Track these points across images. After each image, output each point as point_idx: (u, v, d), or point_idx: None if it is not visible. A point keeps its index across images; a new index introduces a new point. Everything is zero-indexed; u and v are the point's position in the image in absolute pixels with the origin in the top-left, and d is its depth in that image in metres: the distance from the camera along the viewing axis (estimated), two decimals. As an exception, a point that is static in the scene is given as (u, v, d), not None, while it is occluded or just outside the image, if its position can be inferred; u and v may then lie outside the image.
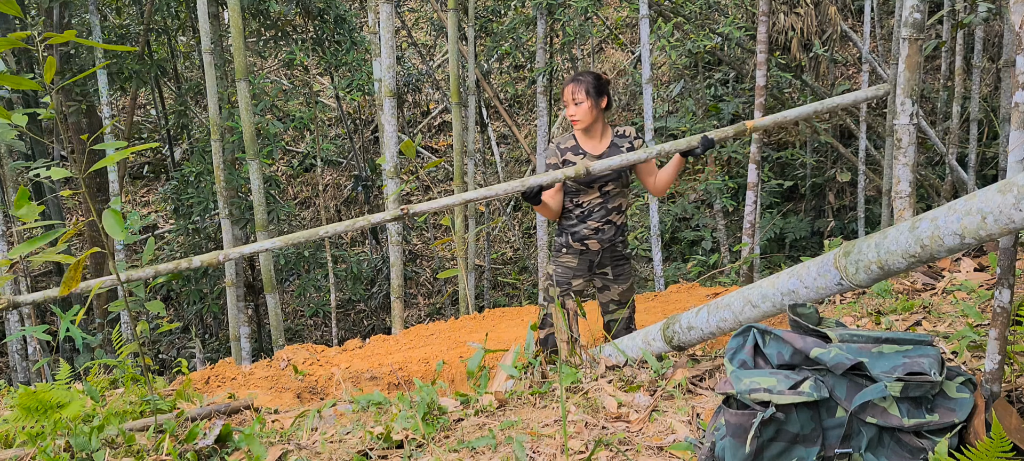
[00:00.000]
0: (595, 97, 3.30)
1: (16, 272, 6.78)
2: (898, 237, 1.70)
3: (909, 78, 3.24)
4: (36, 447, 2.09)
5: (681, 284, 6.14)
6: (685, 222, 10.64)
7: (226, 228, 6.24)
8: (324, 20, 7.75)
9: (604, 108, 3.35)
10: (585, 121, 3.32)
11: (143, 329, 3.37)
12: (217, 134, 6.06)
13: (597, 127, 3.37)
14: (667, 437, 1.94)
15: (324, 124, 12.48)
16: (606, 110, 3.38)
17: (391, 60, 5.55)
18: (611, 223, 3.38)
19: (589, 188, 3.36)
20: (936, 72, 9.94)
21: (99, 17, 7.64)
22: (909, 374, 1.60)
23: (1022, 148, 1.57)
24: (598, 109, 3.33)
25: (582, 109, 3.31)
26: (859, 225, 8.34)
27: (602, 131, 3.39)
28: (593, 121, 3.33)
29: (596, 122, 3.35)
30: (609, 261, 3.43)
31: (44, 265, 10.31)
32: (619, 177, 3.36)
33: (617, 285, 3.45)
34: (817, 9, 8.11)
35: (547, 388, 2.40)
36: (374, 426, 2.17)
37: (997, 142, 8.75)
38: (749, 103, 10.10)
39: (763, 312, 2.14)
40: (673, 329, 2.48)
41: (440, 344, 5.05)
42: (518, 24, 8.40)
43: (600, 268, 3.44)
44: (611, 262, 3.44)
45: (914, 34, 3.26)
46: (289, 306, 10.30)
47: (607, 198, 3.35)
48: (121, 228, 2.25)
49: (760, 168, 6.38)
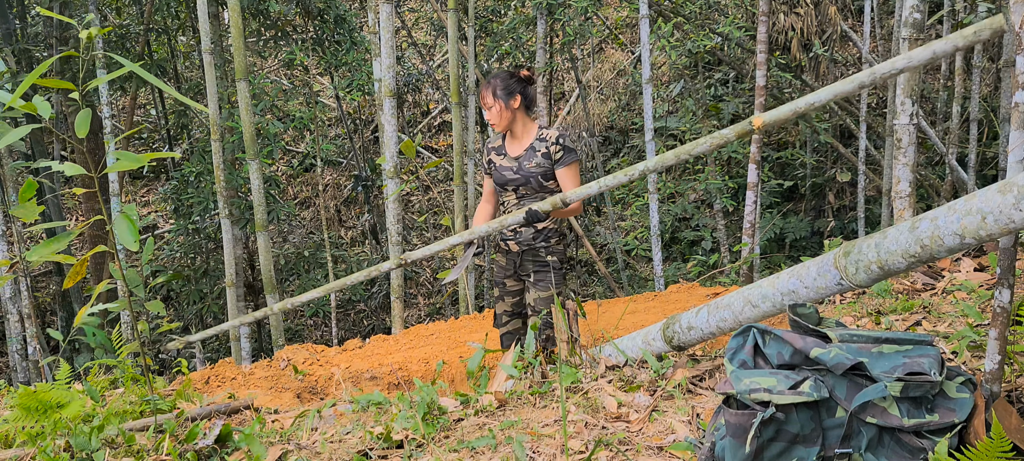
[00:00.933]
0: (504, 98, 3.22)
1: (16, 272, 6.78)
2: (898, 237, 1.70)
3: (909, 78, 3.24)
4: (36, 447, 2.09)
5: (681, 284, 6.14)
6: (685, 222, 10.64)
7: (226, 228, 6.24)
8: (324, 20, 7.75)
9: (519, 107, 3.25)
10: (499, 124, 3.28)
11: (143, 329, 3.37)
12: (217, 134, 6.06)
13: (517, 127, 3.29)
14: (667, 437, 1.94)
15: (324, 124, 12.48)
16: (527, 109, 3.28)
17: (391, 60, 5.55)
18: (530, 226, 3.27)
19: (505, 190, 3.32)
20: (936, 72, 9.93)
21: (99, 17, 7.64)
22: (909, 374, 1.60)
23: (1022, 148, 1.57)
24: (510, 110, 3.25)
25: (492, 113, 3.26)
26: (859, 225, 8.34)
27: (524, 130, 3.29)
28: (509, 122, 3.27)
29: (514, 123, 3.28)
30: (530, 264, 3.32)
31: (44, 265, 10.31)
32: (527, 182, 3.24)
33: (535, 290, 3.29)
34: (817, 9, 8.11)
35: (547, 388, 2.40)
36: (374, 426, 2.17)
37: (997, 142, 8.74)
38: (749, 103, 10.09)
39: (763, 312, 2.14)
40: (673, 329, 2.48)
41: (440, 344, 5.05)
42: (518, 24, 8.40)
43: (522, 270, 3.35)
44: (533, 266, 3.31)
45: (914, 34, 3.26)
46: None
47: (523, 200, 3.27)
48: (134, 235, 2.23)
49: (760, 168, 6.38)
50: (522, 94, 3.26)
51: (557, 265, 3.29)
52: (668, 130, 10.46)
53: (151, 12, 8.25)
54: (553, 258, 3.29)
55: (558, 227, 3.31)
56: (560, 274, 3.29)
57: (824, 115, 9.32)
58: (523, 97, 3.26)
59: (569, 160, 3.20)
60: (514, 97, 3.24)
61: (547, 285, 3.27)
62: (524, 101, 3.27)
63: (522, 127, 3.30)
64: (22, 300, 6.92)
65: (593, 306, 5.62)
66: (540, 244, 3.28)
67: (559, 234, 3.30)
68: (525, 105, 3.29)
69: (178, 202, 7.98)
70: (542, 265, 3.30)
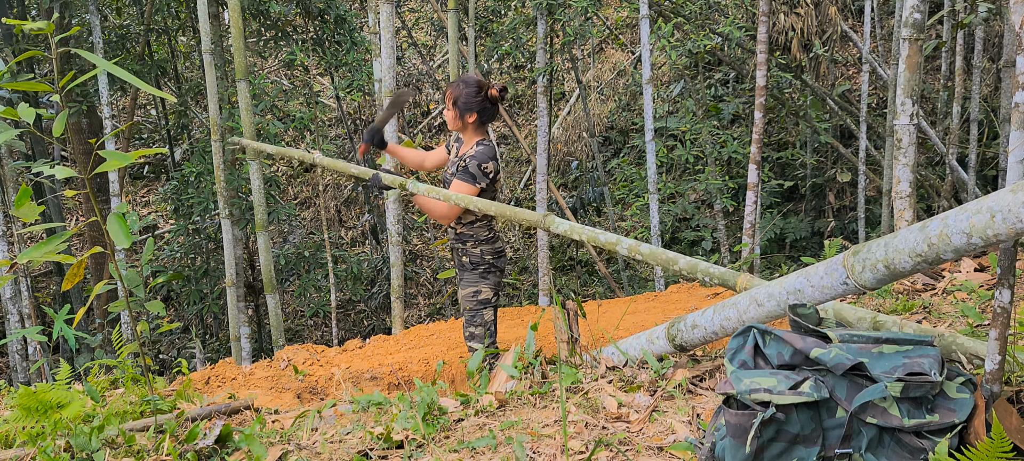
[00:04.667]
0: (462, 111, 3.38)
1: (16, 272, 6.78)
2: (907, 236, 1.69)
3: (909, 78, 3.24)
4: (36, 447, 2.09)
5: (681, 284, 6.14)
6: (685, 222, 10.64)
7: (226, 228, 6.25)
8: (324, 20, 7.75)
9: (472, 123, 3.40)
10: (452, 126, 3.46)
11: (143, 329, 3.37)
12: (217, 134, 6.06)
13: (466, 134, 3.45)
14: (667, 437, 1.94)
15: (324, 124, 12.48)
16: (481, 123, 3.42)
17: (391, 60, 5.55)
18: (451, 229, 3.53)
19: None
20: (936, 72, 9.94)
21: (99, 17, 7.64)
22: (909, 374, 1.60)
23: (1022, 148, 1.57)
24: (462, 120, 3.40)
25: (448, 116, 3.45)
26: (859, 225, 8.34)
27: (469, 140, 3.45)
28: (460, 129, 3.44)
29: (464, 130, 3.43)
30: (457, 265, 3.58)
31: (44, 265, 10.32)
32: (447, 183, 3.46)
33: (460, 289, 3.55)
34: (817, 9, 8.11)
35: (547, 388, 2.40)
36: (374, 426, 2.17)
37: (997, 142, 8.74)
38: (749, 103, 10.10)
39: (768, 311, 2.13)
40: (677, 328, 2.48)
41: (440, 344, 5.05)
42: (518, 24, 8.40)
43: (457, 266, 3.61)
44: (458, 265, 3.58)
45: (914, 34, 3.26)
46: (289, 306, 10.30)
47: None
48: (126, 234, 2.25)
49: (760, 168, 6.38)
50: (479, 113, 3.39)
51: (470, 266, 3.50)
52: (668, 130, 10.46)
53: (151, 12, 8.25)
54: (466, 260, 3.51)
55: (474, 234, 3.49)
56: (474, 275, 3.49)
57: (824, 115, 9.32)
58: (479, 115, 3.40)
59: (462, 177, 3.37)
60: (470, 114, 3.39)
61: (465, 284, 3.52)
62: (480, 119, 3.42)
63: (470, 137, 3.46)
64: (22, 300, 6.92)
65: (593, 306, 5.63)
66: (458, 247, 3.53)
67: (475, 239, 3.50)
68: (480, 121, 3.43)
69: (178, 202, 7.97)
70: (461, 267, 3.55)
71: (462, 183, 3.36)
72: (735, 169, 10.08)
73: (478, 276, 3.50)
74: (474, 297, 3.50)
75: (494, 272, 3.52)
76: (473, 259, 3.50)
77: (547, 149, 7.86)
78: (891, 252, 1.72)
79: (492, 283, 3.51)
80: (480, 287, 3.49)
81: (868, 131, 8.75)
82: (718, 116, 10.15)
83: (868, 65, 8.19)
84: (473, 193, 3.34)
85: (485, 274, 3.50)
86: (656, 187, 7.07)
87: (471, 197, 3.29)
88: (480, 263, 3.50)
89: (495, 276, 3.53)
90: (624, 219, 10.85)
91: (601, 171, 9.86)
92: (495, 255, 3.52)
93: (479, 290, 3.50)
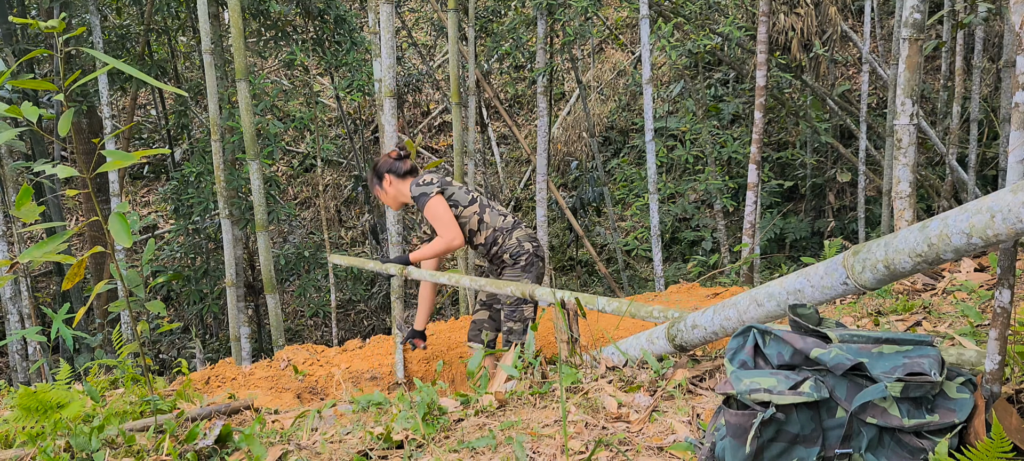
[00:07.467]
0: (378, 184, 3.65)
1: (16, 272, 6.78)
2: (907, 236, 1.68)
3: (909, 78, 3.24)
4: (36, 447, 2.09)
5: (681, 284, 6.14)
6: (685, 222, 10.65)
7: (226, 228, 6.24)
8: (324, 20, 7.75)
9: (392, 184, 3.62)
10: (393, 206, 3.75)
11: (143, 329, 3.37)
12: (217, 134, 6.06)
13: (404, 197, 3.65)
14: (667, 437, 1.94)
15: (324, 124, 12.48)
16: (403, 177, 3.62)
17: (391, 60, 5.54)
18: (487, 262, 3.73)
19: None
20: (936, 72, 9.94)
21: (99, 17, 7.64)
22: (909, 374, 1.60)
23: (1022, 148, 1.57)
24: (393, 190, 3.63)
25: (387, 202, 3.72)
26: (859, 225, 8.34)
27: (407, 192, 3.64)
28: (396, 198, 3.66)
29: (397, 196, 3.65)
30: (496, 273, 3.71)
31: (44, 265, 10.31)
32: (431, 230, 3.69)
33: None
34: (817, 9, 8.11)
35: (547, 388, 2.40)
36: (374, 426, 2.17)
37: (997, 142, 8.74)
38: (749, 103, 10.10)
39: (768, 311, 2.13)
40: (677, 328, 2.48)
41: (440, 344, 5.05)
42: (518, 24, 8.40)
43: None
44: (497, 272, 3.70)
45: (914, 34, 3.26)
46: (289, 306, 10.30)
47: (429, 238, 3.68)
48: (128, 234, 2.25)
49: (760, 168, 6.38)
50: (391, 172, 3.63)
51: (511, 262, 3.60)
52: (668, 130, 10.46)
53: (151, 12, 8.25)
54: (507, 256, 3.62)
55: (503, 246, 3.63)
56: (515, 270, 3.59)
57: (824, 115, 9.32)
58: (393, 173, 3.63)
59: (423, 203, 3.51)
60: (384, 179, 3.63)
61: (506, 279, 3.60)
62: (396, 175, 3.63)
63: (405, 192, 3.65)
64: (22, 300, 6.92)
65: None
66: (496, 265, 3.67)
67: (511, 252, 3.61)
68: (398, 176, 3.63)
69: (178, 202, 7.97)
70: (501, 264, 3.64)
71: (428, 205, 3.49)
72: (735, 169, 10.08)
73: (520, 270, 3.53)
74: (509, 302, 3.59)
75: (536, 264, 3.55)
76: (513, 253, 3.55)
77: (547, 149, 7.86)
78: (891, 252, 1.72)
79: (534, 275, 3.55)
80: (522, 280, 3.51)
81: (868, 131, 8.75)
82: (718, 116, 10.15)
83: (868, 65, 8.19)
84: (440, 200, 3.49)
85: (527, 266, 3.53)
86: (656, 187, 7.07)
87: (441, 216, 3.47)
88: (521, 253, 3.54)
89: (537, 268, 3.56)
90: (624, 219, 10.86)
91: (601, 171, 9.86)
92: (534, 244, 3.57)
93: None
